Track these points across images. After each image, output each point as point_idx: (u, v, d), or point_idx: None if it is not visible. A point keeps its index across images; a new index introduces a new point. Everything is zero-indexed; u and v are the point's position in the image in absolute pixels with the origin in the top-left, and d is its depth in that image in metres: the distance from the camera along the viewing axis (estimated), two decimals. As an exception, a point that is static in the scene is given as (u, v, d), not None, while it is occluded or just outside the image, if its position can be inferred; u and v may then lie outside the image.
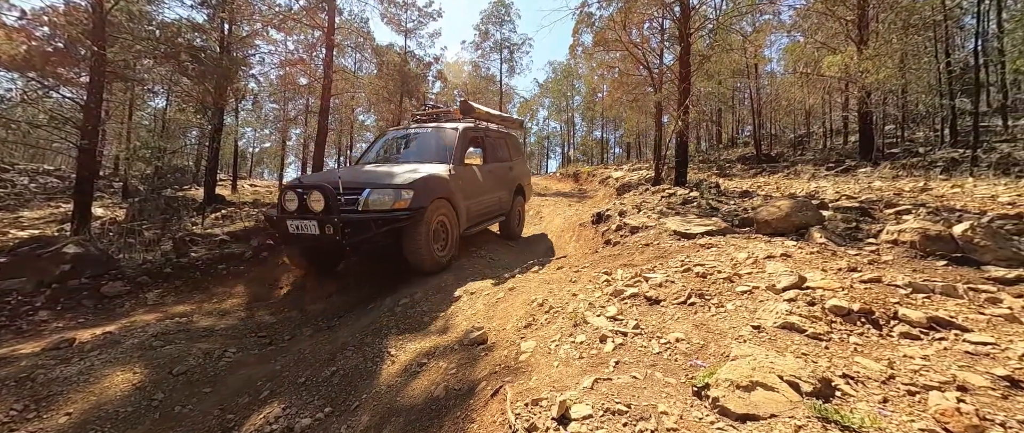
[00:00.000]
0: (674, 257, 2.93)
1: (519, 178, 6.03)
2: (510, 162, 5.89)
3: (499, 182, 5.33)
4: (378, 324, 2.84)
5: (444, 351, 2.35)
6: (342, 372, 2.30)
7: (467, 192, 4.45)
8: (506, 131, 6.23)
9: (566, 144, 34.87)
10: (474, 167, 4.62)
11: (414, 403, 1.87)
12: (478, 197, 4.72)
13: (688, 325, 1.81)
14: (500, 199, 5.35)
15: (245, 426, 1.91)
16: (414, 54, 15.68)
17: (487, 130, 5.45)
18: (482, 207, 4.82)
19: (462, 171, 4.43)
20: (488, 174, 5.03)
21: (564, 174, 17.80)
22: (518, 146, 6.53)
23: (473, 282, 3.71)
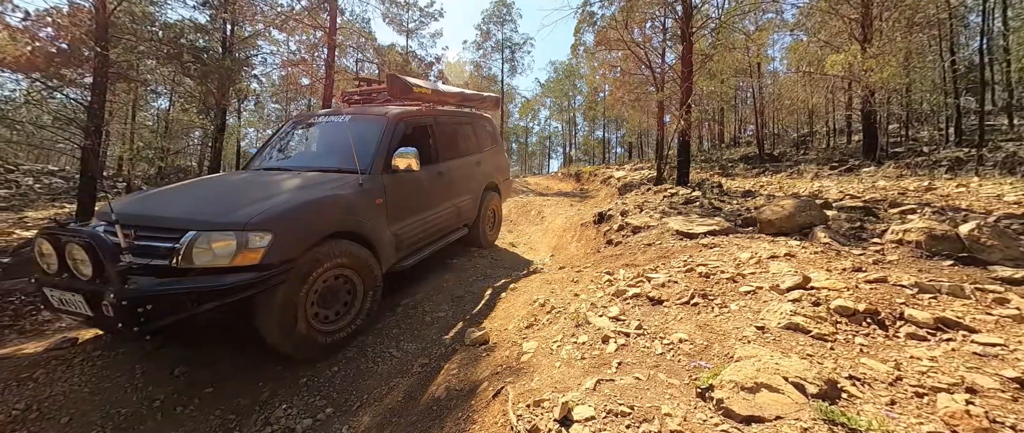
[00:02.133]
0: (677, 257, 2.92)
1: (492, 174, 4.76)
2: (478, 154, 4.52)
3: (458, 185, 3.99)
4: (380, 324, 2.84)
5: (445, 352, 2.34)
6: (344, 373, 2.30)
7: (398, 211, 3.00)
8: (473, 114, 4.79)
9: (568, 144, 34.84)
10: (411, 172, 3.02)
11: (415, 404, 1.86)
12: (419, 215, 3.30)
13: (691, 326, 1.79)
14: (461, 208, 4.03)
15: (246, 426, 1.90)
16: (416, 54, 15.72)
17: (439, 116, 3.98)
18: (428, 227, 3.42)
19: (390, 181, 2.94)
20: (438, 179, 3.65)
21: (566, 174, 17.79)
22: (491, 132, 5.10)
23: (475, 282, 3.70)
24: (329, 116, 3.62)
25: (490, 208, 4.84)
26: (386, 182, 2.93)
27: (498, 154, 5.19)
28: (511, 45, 24.69)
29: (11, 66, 4.94)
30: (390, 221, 2.93)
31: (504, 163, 5.43)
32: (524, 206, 8.55)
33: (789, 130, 20.40)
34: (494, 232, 5.11)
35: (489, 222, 4.90)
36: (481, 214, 4.52)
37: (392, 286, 3.59)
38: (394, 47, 15.19)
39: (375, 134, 3.13)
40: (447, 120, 4.17)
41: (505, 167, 5.43)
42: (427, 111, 3.87)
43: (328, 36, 9.52)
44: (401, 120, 3.37)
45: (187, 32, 6.78)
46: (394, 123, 3.27)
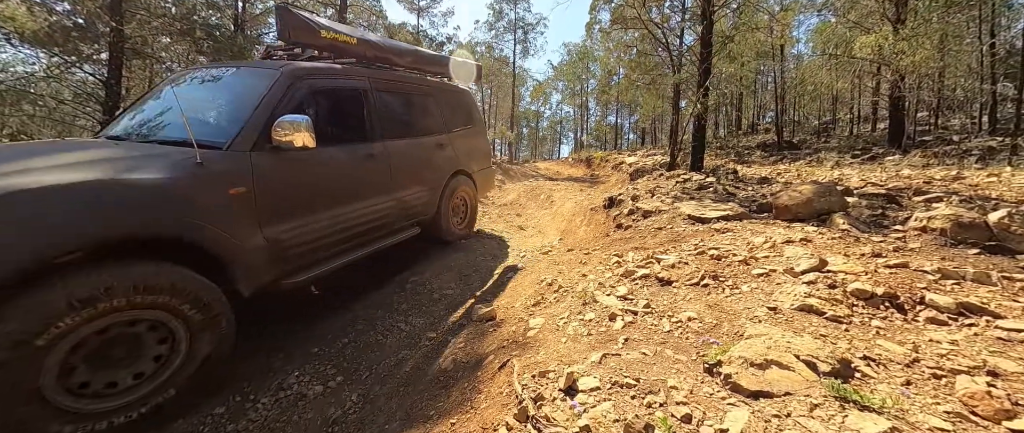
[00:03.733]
0: (688, 241, 2.87)
1: (461, 159, 3.85)
2: (441, 135, 3.62)
3: (404, 172, 3.06)
4: (389, 300, 2.88)
5: (453, 327, 2.37)
6: (354, 345, 2.35)
7: (280, 206, 2.09)
8: (437, 84, 3.81)
9: (579, 129, 34.29)
10: (306, 151, 2.13)
11: (422, 374, 1.89)
12: (326, 211, 2.37)
13: (701, 305, 1.76)
14: (407, 202, 3.11)
15: (263, 388, 1.97)
16: (427, 33, 15.46)
17: (379, 80, 3.00)
18: (342, 228, 2.48)
19: (265, 162, 2.01)
20: (368, 163, 2.73)
21: (576, 159, 17.58)
22: (466, 109, 4.14)
23: (483, 262, 3.71)
24: (213, 69, 2.56)
25: (459, 198, 3.97)
26: (257, 163, 1.95)
27: (473, 137, 4.21)
28: (524, 25, 24.11)
29: (30, 40, 5.01)
30: (263, 220, 1.97)
31: (482, 148, 4.45)
32: (533, 190, 8.51)
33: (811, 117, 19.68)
34: (465, 226, 4.15)
35: (458, 215, 4.03)
36: (443, 207, 3.64)
37: (403, 264, 3.60)
38: (405, 26, 14.97)
39: (252, 94, 2.13)
40: (393, 87, 3.14)
41: (483, 152, 4.44)
42: (355, 72, 2.84)
43: (339, 13, 9.41)
44: (304, 78, 2.36)
45: (199, 8, 6.77)
46: (288, 81, 2.25)
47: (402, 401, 1.70)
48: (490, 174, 4.78)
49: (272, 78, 2.26)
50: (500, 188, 9.78)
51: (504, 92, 26.29)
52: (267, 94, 2.17)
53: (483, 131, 4.59)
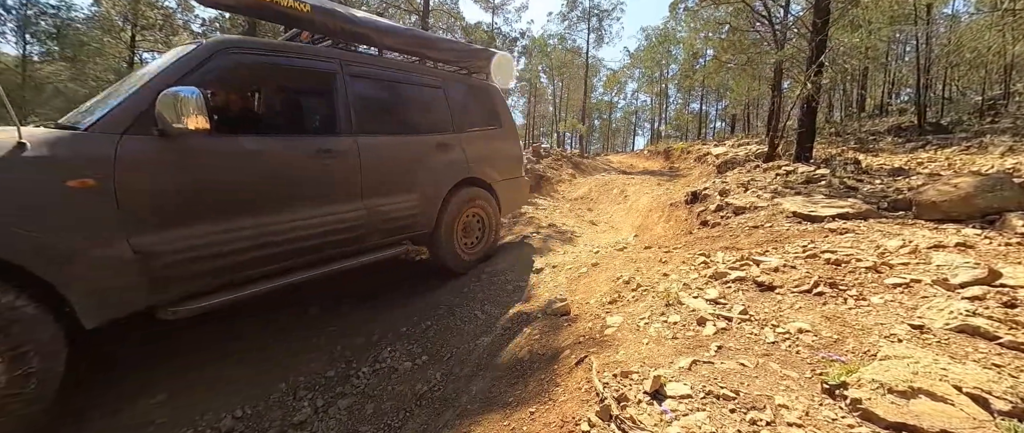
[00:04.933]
0: (793, 241, 2.50)
1: (474, 165, 3.16)
2: (445, 134, 3.00)
3: (382, 176, 2.49)
4: (466, 289, 3.04)
5: (527, 318, 2.41)
6: (436, 328, 2.53)
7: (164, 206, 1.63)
8: (446, 75, 3.17)
9: (657, 119, 32.00)
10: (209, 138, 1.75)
11: (500, 361, 1.96)
12: (244, 218, 1.86)
13: (815, 316, 1.53)
14: (386, 213, 2.51)
15: (361, 360, 2.23)
16: (500, 31, 15.78)
17: (355, 63, 2.46)
18: (270, 241, 1.95)
19: (144, 149, 1.58)
20: (322, 162, 2.17)
21: (653, 151, 16.48)
22: (489, 106, 3.48)
23: (554, 256, 3.70)
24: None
25: (471, 214, 3.22)
26: (128, 149, 1.52)
27: (497, 140, 3.44)
28: (598, 12, 23.19)
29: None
30: (132, 225, 1.52)
31: (509, 153, 3.60)
32: (606, 185, 8.21)
33: (969, 92, 15.61)
34: (478, 251, 3.35)
35: (470, 236, 3.29)
36: (444, 223, 2.93)
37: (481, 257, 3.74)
38: (480, 25, 15.46)
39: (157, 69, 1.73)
40: (375, 74, 2.56)
41: (510, 159, 3.58)
42: (321, 52, 2.33)
43: (421, 19, 10.11)
44: (232, 51, 1.88)
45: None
46: (205, 53, 1.79)
47: (481, 384, 1.78)
48: (520, 187, 3.78)
49: (189, 50, 1.81)
50: (571, 182, 9.62)
51: (576, 84, 25.68)
52: (169, 66, 1.71)
53: (512, 134, 3.69)
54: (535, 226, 4.84)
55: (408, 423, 1.68)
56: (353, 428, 1.68)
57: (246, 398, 1.85)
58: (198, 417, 1.70)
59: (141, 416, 1.67)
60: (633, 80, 30.82)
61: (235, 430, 1.68)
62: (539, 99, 29.23)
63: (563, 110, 27.71)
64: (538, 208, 6.60)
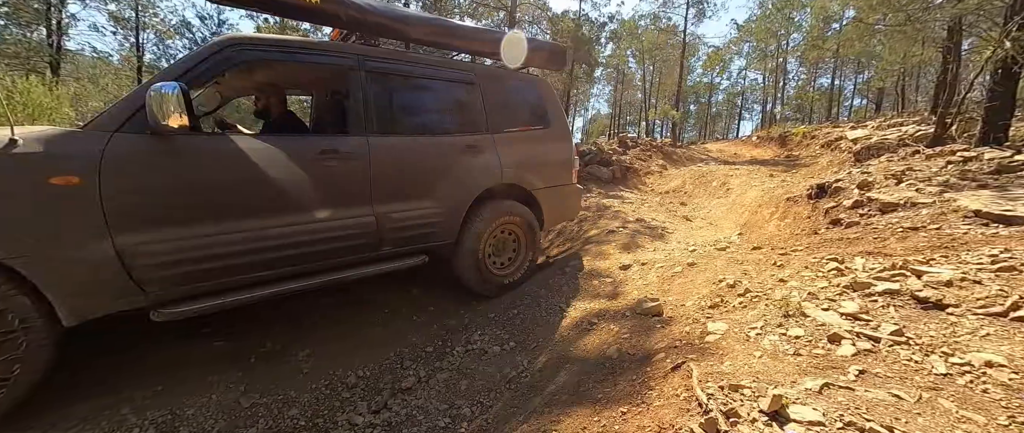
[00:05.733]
0: (975, 249, 1.95)
1: (509, 170, 2.77)
2: (478, 134, 2.68)
3: (397, 182, 2.27)
4: (551, 281, 3.07)
5: (615, 316, 2.34)
6: (522, 316, 2.62)
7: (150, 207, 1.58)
8: (483, 70, 2.84)
9: (770, 99, 27.62)
10: (209, 138, 1.86)
11: (586, 356, 1.95)
12: (232, 222, 1.76)
13: (1016, 348, 1.18)
14: (397, 224, 2.29)
15: (454, 340, 2.44)
16: (588, 17, 15.23)
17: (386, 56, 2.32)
18: (264, 247, 1.84)
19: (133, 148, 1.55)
20: (320, 161, 2.00)
21: (764, 137, 14.31)
22: (533, 103, 3.06)
23: (643, 253, 3.50)
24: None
25: (503, 228, 2.82)
26: (117, 147, 1.52)
27: (541, 141, 3.02)
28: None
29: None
30: (117, 223, 1.50)
31: (556, 157, 3.12)
32: (703, 176, 7.44)
33: None
34: (514, 271, 2.93)
35: (503, 253, 2.91)
36: (467, 236, 2.60)
37: (566, 251, 3.74)
38: (567, 14, 15.14)
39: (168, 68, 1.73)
40: (397, 69, 2.35)
41: (557, 164, 3.11)
42: (337, 47, 2.20)
43: (509, 14, 10.32)
44: (242, 47, 1.83)
45: None
46: (210, 50, 1.76)
47: (567, 376, 1.80)
48: (568, 196, 3.24)
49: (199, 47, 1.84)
50: (661, 174, 8.94)
51: (669, 66, 23.50)
52: (175, 63, 1.75)
53: (562, 134, 3.18)
54: (621, 221, 4.63)
55: (498, 403, 1.79)
56: (451, 400, 1.85)
57: (365, 361, 2.16)
58: (331, 371, 2.05)
59: (294, 365, 2.08)
60: (741, 56, 26.94)
61: (357, 386, 1.98)
62: (627, 85, 27.53)
63: (654, 96, 25.64)
64: (624, 202, 6.30)
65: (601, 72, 24.75)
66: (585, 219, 5.03)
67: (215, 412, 1.67)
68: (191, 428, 1.57)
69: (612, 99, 28.45)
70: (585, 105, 33.45)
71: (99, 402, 1.63)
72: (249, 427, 1.63)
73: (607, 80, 28.19)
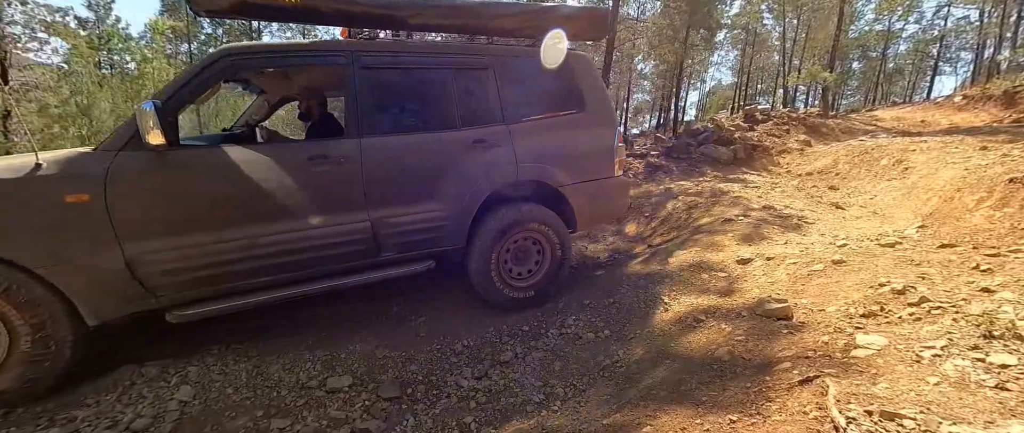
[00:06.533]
0: None
1: (529, 165, 2.44)
2: (489, 126, 2.38)
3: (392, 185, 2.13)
4: (653, 271, 2.88)
5: (727, 314, 2.08)
6: (618, 305, 2.53)
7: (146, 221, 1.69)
8: (508, 50, 2.54)
9: (990, 42, 19.86)
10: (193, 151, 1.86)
11: (690, 354, 1.79)
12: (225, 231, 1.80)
13: None
14: (395, 229, 2.16)
15: (549, 322, 2.51)
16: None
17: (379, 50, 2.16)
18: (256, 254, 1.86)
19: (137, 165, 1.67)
20: (308, 168, 1.95)
21: (974, 97, 10.46)
22: (562, 85, 2.60)
23: (770, 246, 2.99)
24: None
25: (524, 234, 2.50)
26: (120, 165, 1.63)
27: (573, 128, 2.59)
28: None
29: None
30: (123, 236, 1.63)
31: (593, 145, 2.66)
32: (866, 152, 5.89)
33: None
34: (537, 283, 2.60)
35: (524, 262, 2.58)
36: (479, 244, 2.36)
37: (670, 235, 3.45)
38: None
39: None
40: (398, 62, 2.20)
41: (594, 153, 2.66)
42: (329, 46, 2.11)
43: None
44: (234, 59, 1.86)
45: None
46: (204, 63, 1.82)
47: (667, 372, 1.69)
48: (608, 191, 2.74)
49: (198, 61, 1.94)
50: (803, 152, 7.43)
51: (822, 16, 18.75)
52: (176, 78, 1.82)
53: (602, 118, 2.66)
54: (742, 208, 4.02)
55: (592, 388, 1.79)
56: (545, 379, 1.93)
57: (469, 332, 2.40)
58: (442, 338, 2.34)
59: (413, 329, 2.44)
60: (937, -11, 19.85)
61: (462, 353, 2.22)
62: (759, 48, 23.07)
63: (797, 57, 20.94)
64: (748, 186, 5.45)
65: (724, 35, 21.29)
66: (695, 206, 4.53)
67: (358, 358, 2.08)
68: (344, 367, 1.99)
69: (738, 65, 24.26)
70: (701, 76, 29.45)
71: (287, 342, 2.20)
72: (381, 374, 1.99)
73: (733, 44, 24.12)
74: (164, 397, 1.57)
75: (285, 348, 2.07)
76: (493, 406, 1.77)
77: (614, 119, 2.76)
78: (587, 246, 4.22)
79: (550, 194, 2.55)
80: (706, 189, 5.09)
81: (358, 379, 1.91)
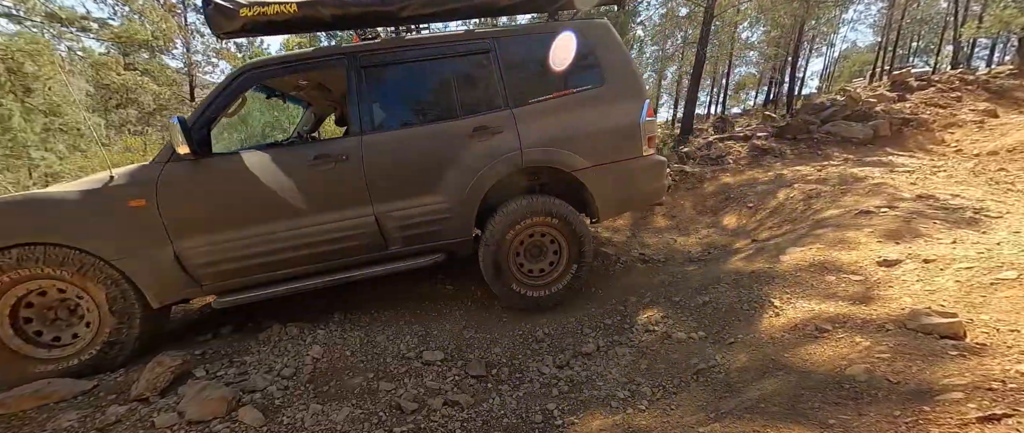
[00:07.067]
0: None
1: (535, 149, 2.28)
2: (491, 113, 2.28)
3: (391, 180, 2.16)
4: (758, 269, 2.52)
5: (863, 326, 1.72)
6: (714, 305, 2.28)
7: (187, 221, 1.96)
8: (511, 31, 2.39)
9: None
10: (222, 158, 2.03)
11: (810, 368, 1.53)
12: (249, 228, 2.02)
13: None
14: (399, 222, 2.19)
15: (634, 318, 2.38)
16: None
17: (375, 48, 2.20)
18: (276, 249, 2.05)
19: (180, 173, 1.94)
20: (315, 168, 2.07)
21: None
22: (581, 56, 2.36)
23: (928, 245, 2.38)
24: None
25: (534, 228, 2.37)
26: (168, 173, 1.92)
27: (589, 105, 2.36)
28: None
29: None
30: (172, 234, 1.92)
31: (611, 122, 2.38)
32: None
33: None
34: (556, 281, 2.45)
35: (540, 259, 2.46)
36: (489, 234, 2.28)
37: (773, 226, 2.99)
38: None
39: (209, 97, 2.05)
40: (394, 57, 2.22)
41: (613, 132, 2.38)
42: (328, 52, 2.21)
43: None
44: (253, 73, 2.07)
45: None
46: (229, 79, 2.05)
47: (778, 385, 1.47)
48: (638, 173, 2.46)
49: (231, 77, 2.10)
50: (982, 126, 5.77)
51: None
52: (208, 94, 2.06)
53: (625, 90, 2.41)
54: (886, 197, 3.28)
55: (683, 392, 1.66)
56: (630, 376, 1.84)
57: (549, 320, 2.40)
58: (523, 324, 2.38)
59: (495, 313, 2.55)
60: None
61: (544, 341, 2.24)
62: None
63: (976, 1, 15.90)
64: (895, 170, 4.42)
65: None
66: (817, 195, 3.82)
67: (448, 336, 2.25)
68: (436, 343, 2.17)
69: (885, 20, 19.40)
70: (828, 39, 24.47)
71: (390, 315, 2.46)
72: (469, 352, 2.12)
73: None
74: (301, 353, 1.90)
75: (388, 321, 2.33)
76: (576, 396, 1.75)
77: (641, 91, 2.45)
78: (676, 239, 3.89)
79: (570, 181, 2.39)
80: (833, 175, 4.26)
81: (448, 355, 2.06)
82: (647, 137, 2.41)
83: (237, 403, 1.56)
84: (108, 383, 1.76)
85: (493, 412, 1.66)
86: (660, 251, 3.50)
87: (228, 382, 1.69)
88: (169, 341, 2.11)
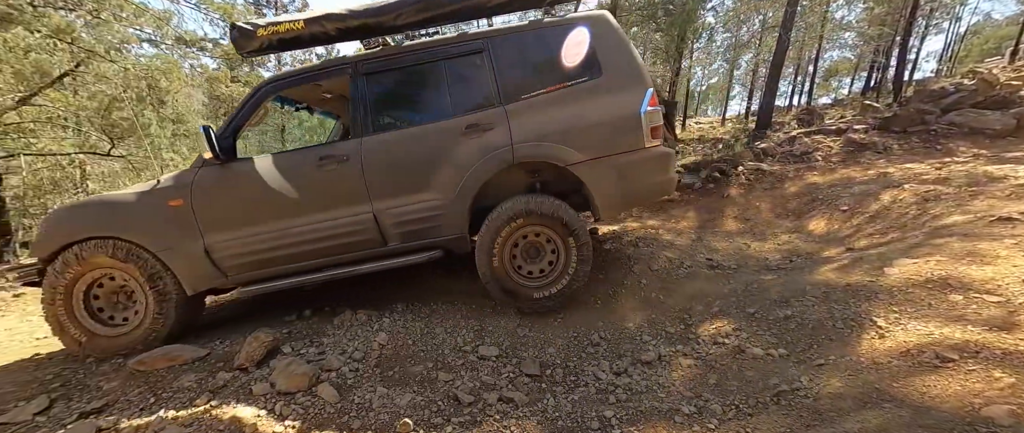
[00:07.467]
0: None
1: (524, 145, 2.25)
2: (481, 111, 2.31)
3: (387, 178, 2.26)
4: (855, 281, 2.19)
5: (1005, 358, 1.42)
6: (798, 319, 2.03)
7: (213, 219, 2.22)
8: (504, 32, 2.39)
9: None
10: (241, 162, 2.26)
11: (929, 403, 1.29)
12: (267, 225, 2.24)
13: None
14: (396, 219, 2.28)
15: (700, 328, 2.20)
16: None
17: (373, 57, 2.33)
18: (290, 244, 2.26)
19: (210, 176, 2.23)
20: (320, 168, 2.24)
21: None
22: (577, 50, 2.30)
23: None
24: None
25: (527, 229, 2.33)
26: (201, 177, 2.21)
27: (585, 98, 2.30)
28: None
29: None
30: (203, 229, 2.20)
31: (609, 114, 2.29)
32: None
33: None
34: (556, 279, 2.35)
35: (537, 260, 2.41)
36: (483, 233, 2.30)
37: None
38: None
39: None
40: (389, 65, 2.35)
41: (611, 124, 2.29)
42: (334, 63, 2.37)
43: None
44: (272, 86, 2.32)
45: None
46: (252, 92, 2.31)
47: (887, 421, 1.26)
48: (640, 166, 2.32)
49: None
50: None
51: None
52: (236, 107, 2.34)
53: (624, 81, 2.31)
54: None
55: (761, 414, 1.49)
56: (697, 391, 1.71)
57: (606, 325, 2.31)
58: (578, 327, 2.32)
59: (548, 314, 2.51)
60: None
61: (600, 345, 2.16)
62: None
63: None
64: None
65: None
66: (936, 197, 3.23)
67: (503, 333, 2.26)
68: (492, 339, 2.20)
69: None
70: (951, 12, 20.52)
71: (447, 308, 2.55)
72: (523, 351, 2.11)
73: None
74: (369, 339, 2.05)
75: (446, 314, 2.41)
76: (634, 405, 1.66)
77: (643, 80, 2.36)
78: (750, 244, 3.53)
79: (562, 180, 2.40)
80: (958, 174, 3.58)
81: (503, 351, 2.08)
82: (650, 128, 2.32)
83: (317, 380, 1.72)
84: (218, 351, 2.05)
85: (547, 413, 1.64)
86: (731, 257, 3.20)
87: (309, 360, 1.87)
88: (262, 320, 2.40)
